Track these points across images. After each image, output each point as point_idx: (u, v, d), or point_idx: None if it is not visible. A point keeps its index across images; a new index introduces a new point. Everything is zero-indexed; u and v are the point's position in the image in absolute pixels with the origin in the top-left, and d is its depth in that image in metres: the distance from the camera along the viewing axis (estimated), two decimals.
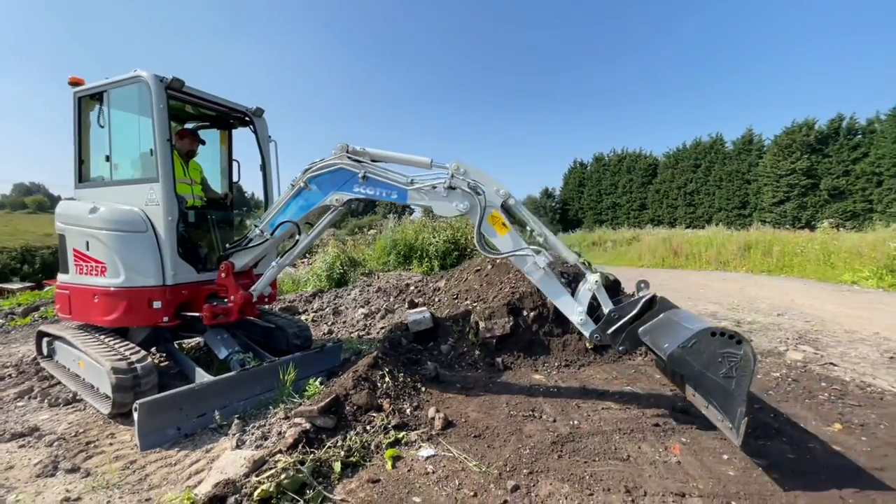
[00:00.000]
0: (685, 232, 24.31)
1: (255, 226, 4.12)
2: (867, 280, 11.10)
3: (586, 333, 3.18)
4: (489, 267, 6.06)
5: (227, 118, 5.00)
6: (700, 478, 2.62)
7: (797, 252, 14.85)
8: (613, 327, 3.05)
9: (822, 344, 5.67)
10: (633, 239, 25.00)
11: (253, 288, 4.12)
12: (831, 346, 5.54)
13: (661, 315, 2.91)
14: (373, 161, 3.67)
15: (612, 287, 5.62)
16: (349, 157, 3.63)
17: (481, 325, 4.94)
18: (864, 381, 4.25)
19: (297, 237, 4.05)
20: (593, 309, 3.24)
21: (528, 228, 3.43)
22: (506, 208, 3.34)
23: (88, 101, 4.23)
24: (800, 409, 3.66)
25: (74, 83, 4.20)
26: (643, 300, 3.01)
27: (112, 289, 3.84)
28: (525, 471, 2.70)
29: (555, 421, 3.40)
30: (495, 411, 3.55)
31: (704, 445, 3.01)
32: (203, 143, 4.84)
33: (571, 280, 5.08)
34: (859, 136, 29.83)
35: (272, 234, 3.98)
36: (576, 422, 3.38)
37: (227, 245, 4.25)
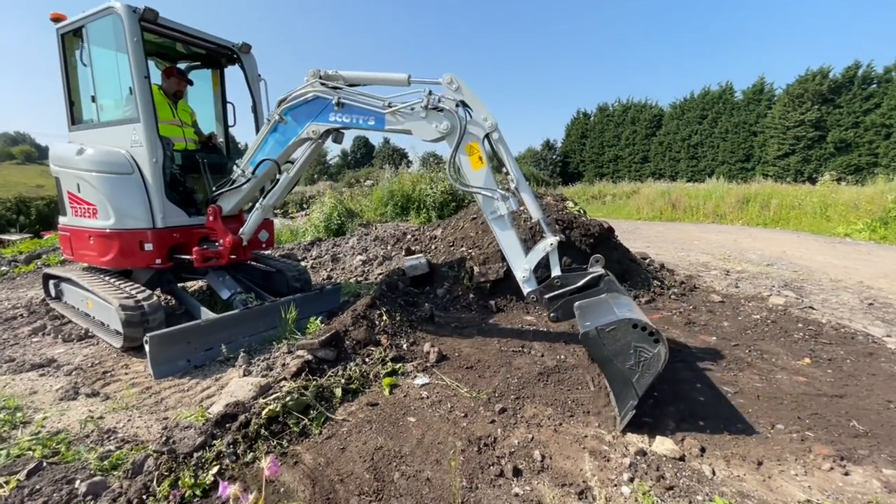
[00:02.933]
0: (685, 185, 24.11)
1: (237, 165, 3.99)
2: (860, 233, 11.22)
3: (525, 290, 3.12)
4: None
5: (215, 55, 4.78)
6: (670, 403, 2.85)
7: (794, 205, 14.86)
8: (552, 293, 3.05)
9: (806, 291, 5.86)
10: (634, 192, 24.81)
11: (241, 231, 4.07)
12: (814, 294, 5.74)
13: (602, 295, 2.92)
14: (349, 85, 3.40)
15: (606, 234, 5.70)
16: (322, 83, 3.40)
17: (476, 269, 5.07)
18: (839, 324, 4.47)
19: (278, 176, 3.93)
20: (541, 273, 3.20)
21: (504, 171, 3.18)
22: (489, 142, 3.10)
23: (72, 39, 4.05)
24: (774, 346, 3.88)
25: (56, 19, 4.00)
26: (590, 276, 3.01)
27: (105, 230, 3.89)
28: (512, 396, 2.92)
29: (542, 356, 3.62)
30: (487, 347, 3.76)
31: (679, 376, 3.23)
32: (191, 83, 4.67)
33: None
34: (874, 86, 28.69)
35: (253, 172, 3.84)
36: (562, 356, 3.59)
37: (214, 188, 4.15)
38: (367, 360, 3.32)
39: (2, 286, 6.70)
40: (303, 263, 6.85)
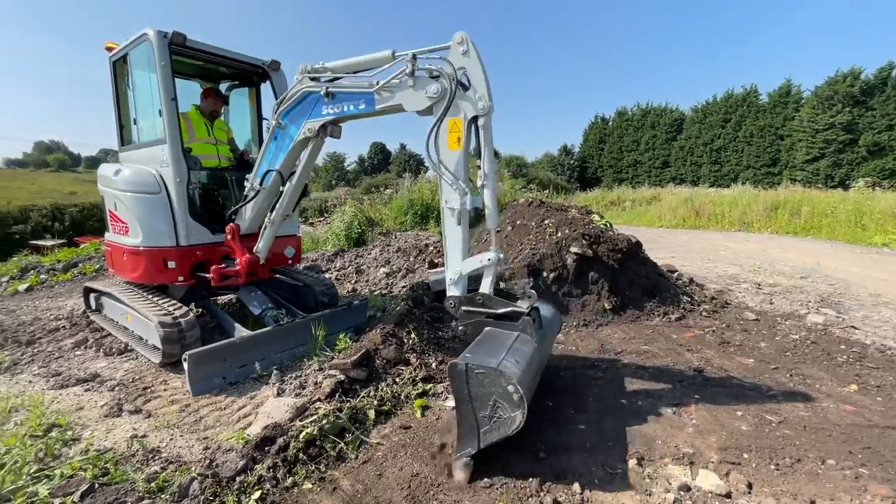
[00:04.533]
0: (709, 191, 23.52)
1: (247, 180, 3.99)
2: None
3: (449, 293, 2.91)
4: (509, 229, 6.07)
5: (246, 74, 4.93)
6: (713, 432, 2.76)
7: (827, 213, 14.32)
8: (469, 308, 2.82)
9: (845, 307, 5.63)
10: (654, 198, 24.34)
11: (255, 249, 4.07)
12: (854, 310, 5.51)
13: (514, 332, 2.67)
14: (337, 78, 3.30)
15: (634, 249, 5.60)
16: (310, 79, 3.34)
17: (501, 285, 5.04)
18: (884, 345, 4.27)
19: (281, 188, 3.84)
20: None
21: (478, 164, 2.83)
22: (475, 125, 2.76)
23: (121, 66, 4.28)
24: (816, 370, 3.73)
25: (109, 49, 4.22)
26: (512, 309, 2.73)
27: (134, 248, 4.04)
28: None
29: (572, 376, 3.57)
30: None
31: (719, 402, 3.13)
32: (226, 103, 4.82)
33: (553, 254, 5.06)
34: None
35: (261, 184, 3.83)
36: (593, 377, 3.53)
37: (233, 207, 4.14)
38: (397, 379, 3.33)
39: (42, 294, 7.01)
40: (328, 275, 6.94)
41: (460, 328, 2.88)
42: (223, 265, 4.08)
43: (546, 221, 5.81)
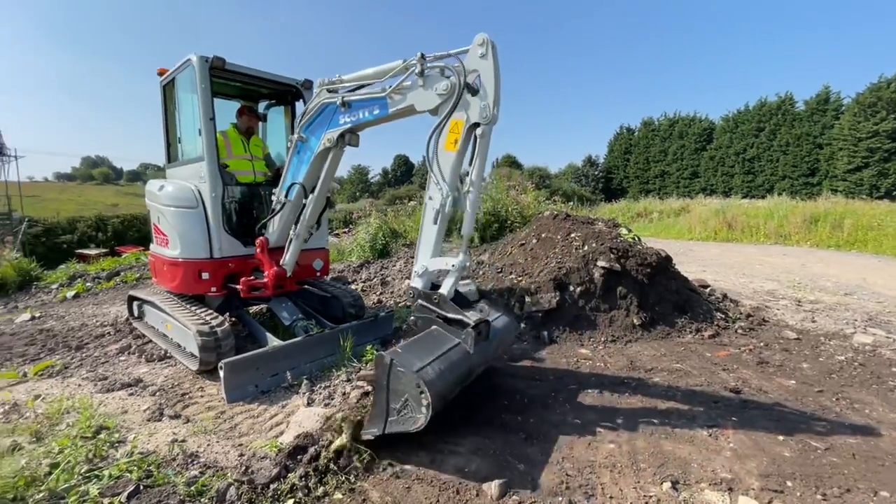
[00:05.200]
0: (742, 202, 22.68)
1: (273, 194, 4.12)
2: None
3: (411, 283, 3.03)
4: (534, 241, 6.05)
5: (280, 93, 5.16)
6: (752, 457, 2.64)
7: (873, 225, 13.57)
8: (424, 303, 2.93)
9: (894, 326, 5.29)
10: (683, 210, 23.67)
11: (283, 262, 4.15)
12: None
13: (454, 339, 2.76)
14: (352, 90, 3.41)
15: (663, 264, 5.46)
16: (328, 91, 3.49)
17: (527, 299, 5.02)
18: None
19: (304, 201, 3.95)
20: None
21: (468, 169, 2.82)
22: (475, 133, 2.74)
23: (169, 89, 4.58)
24: (866, 394, 3.52)
25: (160, 73, 4.53)
26: (460, 318, 2.78)
27: (173, 259, 4.26)
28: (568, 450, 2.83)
29: (601, 393, 3.49)
30: (541, 383, 3.68)
31: (758, 425, 3.00)
32: (262, 119, 5.06)
33: (580, 268, 5.03)
34: None
35: (286, 197, 3.97)
36: (622, 396, 3.45)
37: (262, 221, 4.28)
38: None
39: (88, 301, 7.44)
40: (354, 287, 7.08)
41: (411, 319, 3.00)
42: (253, 277, 4.24)
43: (572, 235, 5.76)
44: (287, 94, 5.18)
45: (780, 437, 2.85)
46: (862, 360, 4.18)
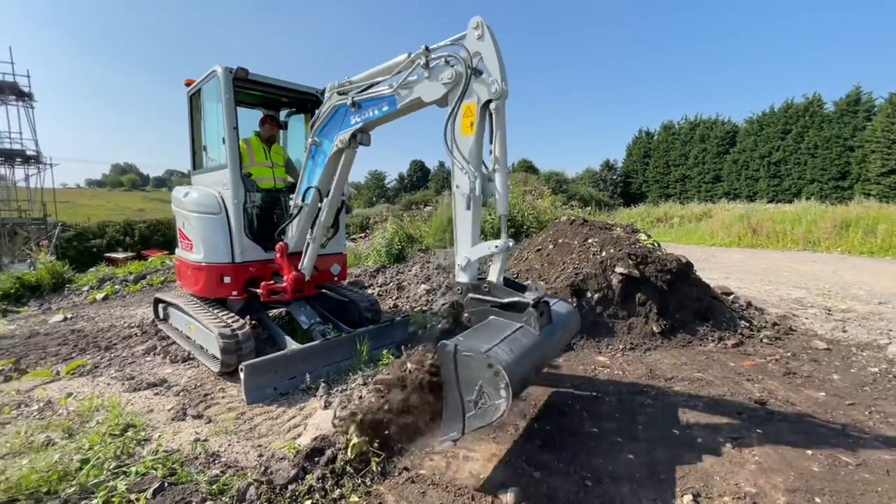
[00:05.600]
0: (767, 207, 22.00)
1: (291, 199, 4.20)
2: None
3: (457, 278, 2.87)
4: (551, 247, 6.00)
5: (302, 101, 5.29)
6: (778, 471, 2.55)
7: None
8: (476, 296, 2.76)
9: None
10: (704, 214, 23.13)
11: (301, 267, 4.22)
12: None
13: (517, 324, 2.54)
14: (362, 90, 3.44)
15: (684, 270, 5.34)
16: (338, 94, 3.56)
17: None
18: None
19: (319, 205, 4.01)
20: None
21: (490, 148, 2.77)
22: (489, 110, 2.71)
23: (196, 99, 4.76)
24: None
25: (188, 84, 4.72)
26: (517, 300, 2.61)
27: (197, 263, 4.39)
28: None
29: (619, 401, 3.43)
30: (558, 391, 3.64)
31: (785, 438, 2.89)
32: (282, 128, 5.20)
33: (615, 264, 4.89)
34: None
35: (303, 201, 4.04)
36: (642, 405, 3.38)
37: (282, 226, 4.35)
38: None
39: (116, 303, 7.73)
40: (370, 291, 7.15)
41: (464, 315, 2.80)
42: (272, 281, 4.33)
43: (590, 240, 5.69)
44: (307, 102, 5.31)
45: (809, 451, 2.74)
46: None
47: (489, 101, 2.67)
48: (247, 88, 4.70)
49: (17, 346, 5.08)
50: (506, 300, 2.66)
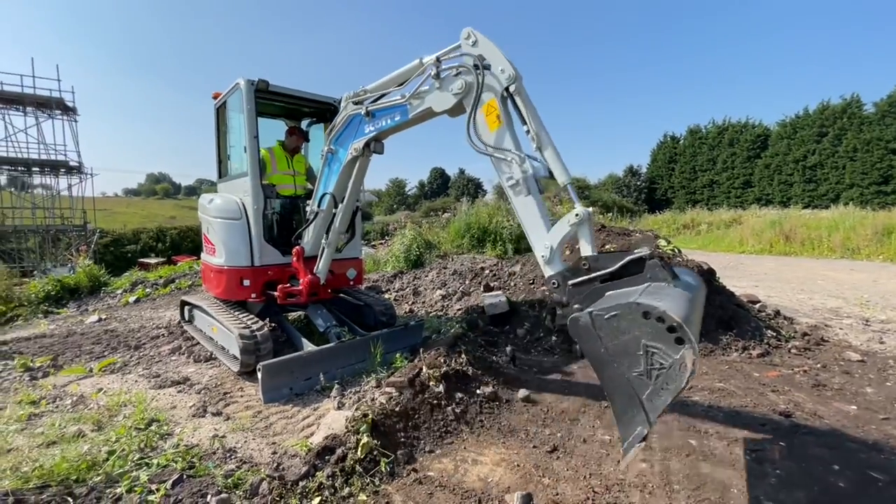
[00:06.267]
0: (802, 213, 21.04)
1: (307, 205, 4.33)
2: None
3: (546, 273, 2.56)
4: (567, 253, 5.94)
5: (321, 111, 5.45)
6: (801, 486, 2.44)
7: None
8: (578, 279, 2.33)
9: None
10: (734, 221, 22.30)
11: (316, 270, 4.31)
12: None
13: (643, 285, 2.05)
14: (375, 100, 3.54)
15: (705, 277, 5.18)
16: (353, 103, 3.65)
17: (559, 311, 4.92)
18: None
19: (334, 210, 4.11)
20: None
21: (525, 129, 2.67)
22: (510, 97, 2.68)
23: (222, 110, 5.00)
24: None
25: (215, 97, 4.96)
26: (629, 258, 2.19)
27: (219, 266, 4.56)
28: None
29: None
30: (571, 398, 3.59)
31: (810, 452, 2.76)
32: (307, 139, 5.38)
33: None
34: None
35: (319, 207, 4.14)
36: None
37: (298, 231, 4.49)
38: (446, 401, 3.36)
39: (146, 306, 8.10)
40: (387, 296, 7.24)
41: (575, 305, 2.32)
42: (289, 284, 4.45)
43: (607, 247, 5.61)
44: (325, 111, 5.47)
45: (836, 467, 2.61)
46: None
47: (506, 89, 2.66)
48: (268, 99, 4.89)
49: (55, 344, 5.39)
50: (616, 265, 2.21)
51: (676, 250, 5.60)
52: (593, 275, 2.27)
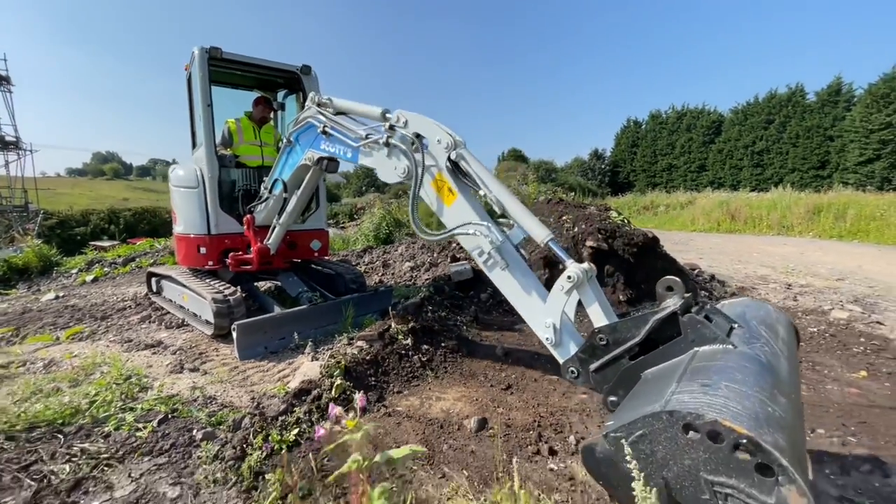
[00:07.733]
0: (747, 195, 22.63)
1: (263, 182, 4.30)
2: None
3: (559, 360, 2.12)
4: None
5: (281, 79, 5.35)
6: None
7: (875, 216, 13.59)
8: (599, 361, 1.84)
9: (880, 308, 5.49)
10: (689, 203, 23.69)
11: (268, 242, 4.34)
12: (890, 310, 5.36)
13: (684, 355, 1.57)
14: (338, 114, 3.25)
15: (650, 243, 5.71)
16: (319, 109, 3.33)
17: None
18: None
19: (285, 195, 4.03)
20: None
21: (480, 193, 2.42)
22: (454, 165, 2.49)
23: (191, 82, 4.90)
24: (829, 358, 3.77)
25: (186, 69, 4.84)
26: (658, 317, 1.72)
27: (179, 235, 4.67)
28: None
29: None
30: (526, 349, 4.00)
31: None
32: (276, 109, 5.38)
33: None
34: None
35: (270, 191, 4.13)
36: None
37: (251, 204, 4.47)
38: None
39: (106, 284, 7.89)
40: (357, 269, 7.43)
41: (612, 399, 1.81)
42: (240, 253, 4.49)
43: (564, 217, 6.03)
44: (285, 79, 5.43)
45: None
46: (833, 332, 4.42)
47: (448, 158, 2.48)
48: (229, 68, 4.85)
49: (11, 320, 5.26)
50: (642, 332, 1.72)
51: (626, 220, 6.10)
52: (616, 352, 1.80)
